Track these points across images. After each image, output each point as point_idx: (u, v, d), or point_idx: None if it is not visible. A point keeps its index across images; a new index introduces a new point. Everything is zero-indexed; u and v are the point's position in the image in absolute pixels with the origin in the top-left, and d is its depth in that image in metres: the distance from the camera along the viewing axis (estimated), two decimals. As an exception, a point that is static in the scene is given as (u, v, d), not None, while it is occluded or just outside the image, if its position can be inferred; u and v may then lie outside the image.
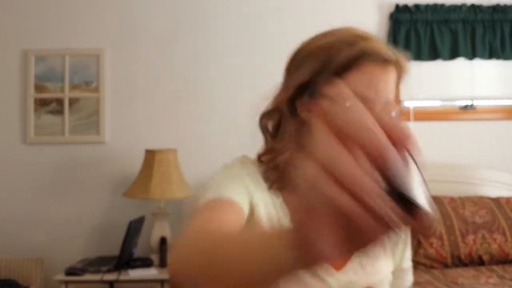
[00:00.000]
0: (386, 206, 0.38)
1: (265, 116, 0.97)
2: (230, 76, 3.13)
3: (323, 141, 0.40)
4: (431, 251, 2.60)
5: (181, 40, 3.13)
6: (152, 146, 2.92)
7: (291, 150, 0.91)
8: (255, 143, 1.05)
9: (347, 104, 0.42)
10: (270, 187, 0.95)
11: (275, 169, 0.94)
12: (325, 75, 0.86)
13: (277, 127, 0.95)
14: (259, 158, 0.98)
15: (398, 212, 0.39)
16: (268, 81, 3.39)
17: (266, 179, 0.96)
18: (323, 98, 0.41)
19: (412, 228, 0.40)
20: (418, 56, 3.10)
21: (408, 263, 1.12)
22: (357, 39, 0.88)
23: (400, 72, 0.91)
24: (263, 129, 0.98)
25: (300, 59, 0.92)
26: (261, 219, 0.92)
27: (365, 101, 0.83)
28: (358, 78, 0.86)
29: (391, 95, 0.89)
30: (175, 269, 0.65)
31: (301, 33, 3.76)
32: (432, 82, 3.21)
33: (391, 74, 0.89)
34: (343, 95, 0.44)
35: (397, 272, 1.09)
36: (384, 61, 0.88)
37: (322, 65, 0.87)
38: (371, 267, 1.00)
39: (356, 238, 0.40)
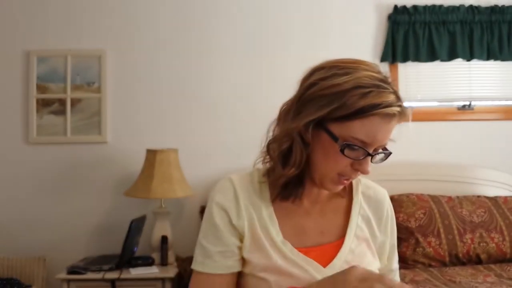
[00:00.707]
0: None
1: (276, 141, 1.03)
2: (230, 76, 3.15)
3: None
4: (429, 250, 2.62)
5: (182, 40, 3.15)
6: (153, 146, 2.95)
7: (296, 172, 1.01)
8: (255, 143, 1.08)
9: None
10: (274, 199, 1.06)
11: (281, 187, 1.04)
12: (335, 116, 0.94)
13: (286, 151, 1.01)
14: (265, 174, 1.07)
15: None
16: (268, 81, 3.41)
17: (263, 192, 1.06)
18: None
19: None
20: (417, 57, 3.11)
21: (396, 265, 1.17)
22: (373, 88, 0.93)
23: (402, 118, 0.97)
24: (272, 152, 1.04)
25: (317, 93, 0.96)
26: (252, 236, 1.03)
27: (362, 145, 0.93)
28: (362, 126, 0.93)
29: (387, 139, 0.97)
30: None
31: (300, 34, 3.76)
32: (430, 83, 3.23)
33: (393, 124, 0.96)
34: None
35: (386, 273, 1.13)
36: (390, 115, 0.94)
37: (335, 108, 0.94)
38: (357, 264, 1.03)
39: None
